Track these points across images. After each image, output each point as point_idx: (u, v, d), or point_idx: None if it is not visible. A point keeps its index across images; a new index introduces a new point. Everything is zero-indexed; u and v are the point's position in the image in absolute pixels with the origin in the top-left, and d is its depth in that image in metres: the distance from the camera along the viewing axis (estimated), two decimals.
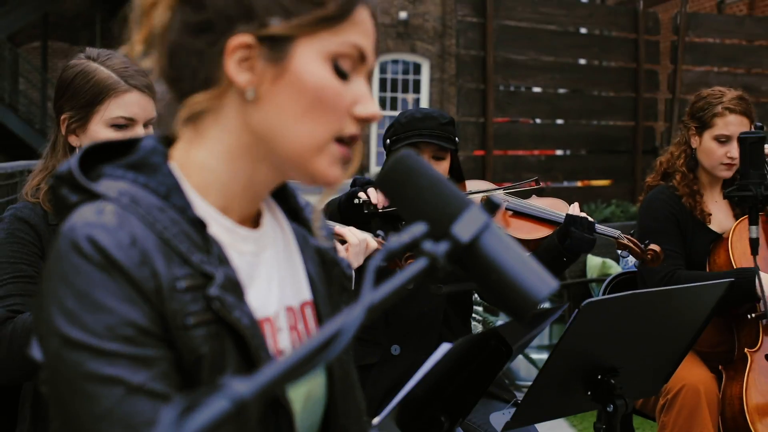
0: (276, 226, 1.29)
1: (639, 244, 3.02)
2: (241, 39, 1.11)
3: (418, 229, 0.97)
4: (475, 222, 1.01)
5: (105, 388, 1.03)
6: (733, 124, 3.25)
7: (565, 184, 7.81)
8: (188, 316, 1.09)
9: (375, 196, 2.71)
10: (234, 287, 1.14)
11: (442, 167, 2.85)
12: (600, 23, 7.32)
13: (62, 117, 2.16)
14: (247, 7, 1.11)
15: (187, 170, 1.18)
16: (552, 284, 1.03)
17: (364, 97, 1.16)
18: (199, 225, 1.14)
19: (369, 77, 1.21)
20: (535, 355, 5.52)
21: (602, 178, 7.51)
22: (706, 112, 3.29)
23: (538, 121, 7.56)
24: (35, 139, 17.13)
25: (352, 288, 1.37)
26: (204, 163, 1.18)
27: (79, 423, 1.04)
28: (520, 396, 2.81)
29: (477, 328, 3.13)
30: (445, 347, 1.64)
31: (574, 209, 2.94)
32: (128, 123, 2.15)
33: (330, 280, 1.32)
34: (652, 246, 3.02)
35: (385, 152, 2.94)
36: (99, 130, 2.13)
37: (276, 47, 1.12)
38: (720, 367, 3.22)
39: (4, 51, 17.99)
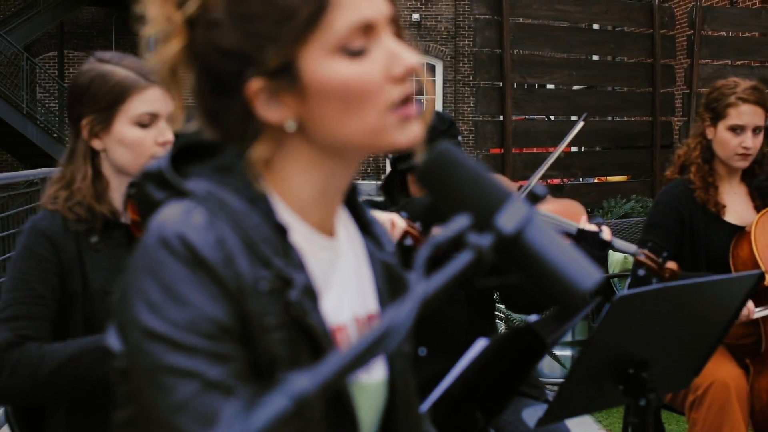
0: (348, 237, 1.31)
1: (656, 259, 2.96)
2: (253, 86, 1.14)
3: (462, 221, 0.97)
4: (518, 213, 1.01)
5: (181, 380, 1.05)
6: (747, 114, 3.25)
7: (584, 180, 7.78)
8: (268, 318, 1.11)
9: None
10: (311, 294, 1.16)
11: None
12: (615, 19, 7.29)
13: (83, 123, 2.17)
14: (241, 55, 1.13)
15: (268, 176, 1.20)
16: (596, 275, 1.03)
17: (393, 56, 1.15)
18: (281, 231, 1.16)
19: (395, 24, 1.18)
20: (558, 352, 5.50)
21: (621, 173, 7.48)
22: (719, 102, 3.29)
23: (554, 118, 7.53)
24: (53, 147, 17.18)
25: None
26: (280, 175, 1.20)
27: (153, 413, 1.06)
28: (547, 393, 2.81)
29: (499, 325, 3.13)
30: (481, 343, 1.64)
31: (584, 223, 2.85)
32: (153, 119, 2.17)
33: (395, 294, 1.33)
34: (670, 264, 2.98)
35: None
36: (124, 129, 2.15)
37: (284, 74, 1.13)
38: (747, 360, 3.20)
39: (21, 61, 18.06)
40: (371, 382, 1.25)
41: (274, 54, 1.12)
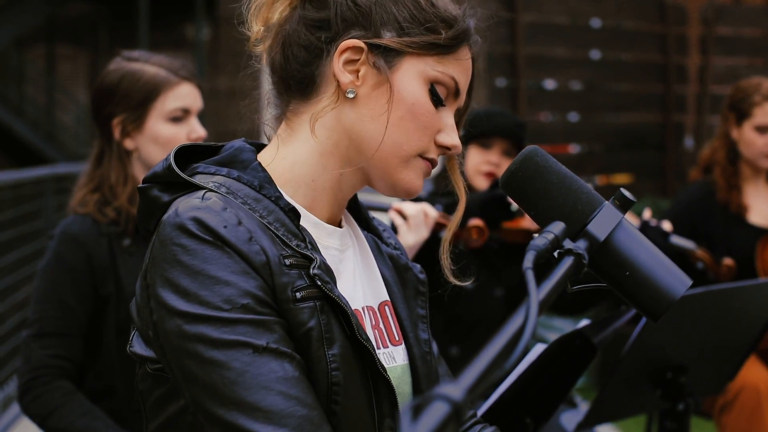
0: (352, 230, 1.35)
1: (713, 257, 2.98)
2: (353, 42, 1.20)
3: (557, 227, 0.95)
4: (610, 220, 1.01)
5: (233, 351, 1.08)
6: None
7: (597, 181, 7.77)
8: (296, 290, 1.14)
9: None
10: (329, 272, 1.19)
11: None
12: (627, 16, 7.30)
13: (114, 122, 2.14)
14: (366, 17, 1.20)
15: (275, 169, 1.24)
16: (687, 282, 1.03)
17: (449, 128, 1.24)
18: (293, 214, 1.21)
19: (460, 117, 1.29)
20: None
21: (633, 173, 7.48)
22: (744, 102, 3.27)
23: (568, 116, 7.53)
24: (42, 143, 17.11)
25: (427, 289, 1.42)
26: (296, 158, 1.25)
27: (213, 391, 1.08)
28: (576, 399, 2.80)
29: None
30: (538, 348, 1.62)
31: (647, 216, 2.88)
32: (184, 114, 2.16)
33: (404, 284, 1.38)
34: (727, 261, 2.99)
35: None
36: (158, 126, 2.13)
37: (384, 57, 1.20)
38: None
39: (10, 56, 17.93)
40: (394, 366, 1.28)
41: (396, 40, 1.20)
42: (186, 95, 2.16)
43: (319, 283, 1.16)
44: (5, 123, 17.01)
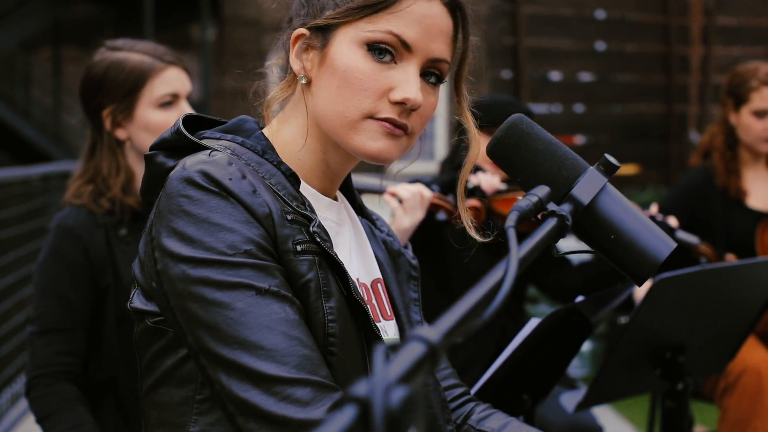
0: (347, 212, 1.39)
1: (716, 252, 3.00)
2: (298, 31, 1.26)
3: (542, 190, 0.97)
4: (595, 184, 1.02)
5: (236, 293, 1.12)
6: None
7: None
8: (297, 243, 1.19)
9: (488, 181, 2.67)
10: (327, 234, 1.24)
11: None
12: (629, 7, 7.30)
13: (104, 113, 2.14)
14: (310, 4, 1.26)
15: (275, 143, 1.30)
16: (672, 245, 1.04)
17: (402, 82, 1.22)
18: (294, 179, 1.26)
19: (460, 66, 1.29)
20: None
21: (636, 163, 7.48)
22: (741, 87, 3.27)
23: (574, 108, 7.54)
24: (50, 145, 17.14)
25: (419, 274, 1.46)
26: (288, 139, 1.31)
27: (216, 332, 1.12)
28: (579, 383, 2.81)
29: None
30: (533, 322, 1.63)
31: (654, 211, 2.89)
32: (173, 99, 2.15)
33: (397, 268, 1.43)
34: (730, 256, 3.00)
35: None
36: (148, 114, 2.13)
37: (323, 36, 1.25)
38: None
39: (17, 59, 17.92)
40: (386, 338, 1.33)
41: (327, 16, 1.24)
42: (173, 79, 2.15)
43: (318, 240, 1.20)
44: (13, 125, 17.03)
